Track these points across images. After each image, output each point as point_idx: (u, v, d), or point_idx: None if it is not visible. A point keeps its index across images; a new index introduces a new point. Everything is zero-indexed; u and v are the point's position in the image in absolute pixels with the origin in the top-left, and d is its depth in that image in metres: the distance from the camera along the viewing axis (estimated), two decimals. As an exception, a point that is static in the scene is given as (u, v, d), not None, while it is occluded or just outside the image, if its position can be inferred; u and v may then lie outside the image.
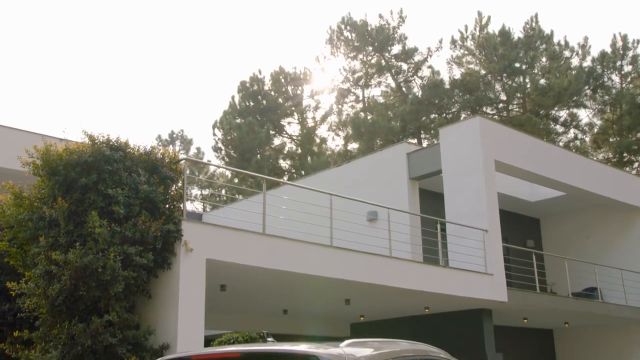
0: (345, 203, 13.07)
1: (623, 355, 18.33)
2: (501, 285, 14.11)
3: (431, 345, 5.64)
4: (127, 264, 8.78)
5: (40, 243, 8.99)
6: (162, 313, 9.26)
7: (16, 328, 9.71)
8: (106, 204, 8.98)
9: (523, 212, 20.39)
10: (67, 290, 8.58)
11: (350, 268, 11.46)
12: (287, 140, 38.92)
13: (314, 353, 4.05)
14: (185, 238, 9.30)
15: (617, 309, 17.02)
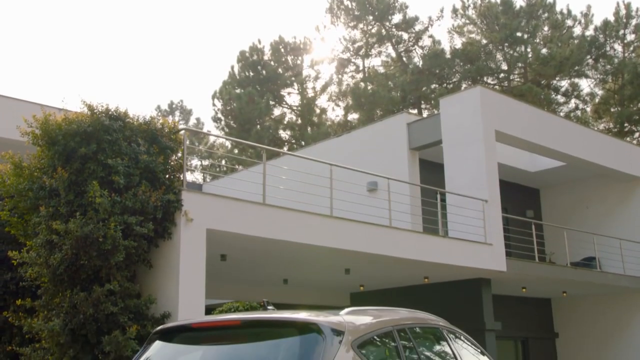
0: (345, 173, 13.07)
1: (621, 324, 18.51)
2: (500, 255, 14.19)
3: (430, 314, 5.69)
4: (127, 233, 8.81)
5: (41, 213, 9.02)
6: (162, 282, 9.32)
7: (18, 296, 9.80)
8: (106, 174, 8.99)
9: (523, 183, 20.40)
10: (69, 260, 8.63)
11: (350, 238, 11.51)
12: (287, 110, 38.80)
13: (314, 321, 4.09)
14: (185, 208, 9.33)
15: (615, 278, 17.14)
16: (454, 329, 5.77)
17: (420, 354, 4.83)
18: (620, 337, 18.46)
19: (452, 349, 5.41)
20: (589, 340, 19.02)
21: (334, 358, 3.87)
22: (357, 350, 4.07)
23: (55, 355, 8.67)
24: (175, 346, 4.46)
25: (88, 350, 8.64)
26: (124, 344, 8.26)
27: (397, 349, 4.55)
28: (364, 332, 4.28)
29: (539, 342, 19.34)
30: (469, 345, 5.89)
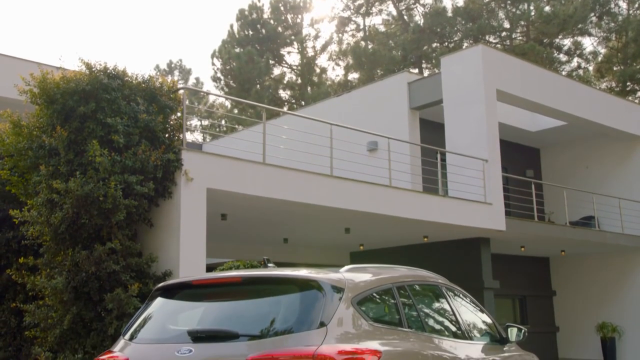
0: (345, 133, 13.03)
1: (618, 283, 18.71)
2: (500, 214, 14.25)
3: (429, 271, 5.74)
4: (128, 192, 8.83)
5: (41, 172, 9.02)
6: (163, 241, 9.38)
7: (21, 255, 9.87)
8: (105, 133, 8.96)
9: (523, 142, 20.37)
10: (70, 219, 8.67)
11: (350, 197, 11.53)
12: (287, 70, 38.48)
13: (314, 278, 4.12)
14: (185, 167, 9.33)
15: (613, 237, 17.26)
16: (453, 286, 5.82)
17: (420, 310, 4.89)
18: (617, 296, 18.68)
19: (451, 306, 5.47)
20: (586, 298, 19.25)
21: (334, 314, 3.91)
22: (356, 306, 4.11)
23: (59, 312, 8.77)
24: (176, 303, 4.51)
25: (91, 307, 8.74)
26: (126, 301, 8.36)
27: (396, 305, 4.59)
28: (364, 289, 4.32)
29: (536, 300, 19.59)
30: (468, 302, 5.95)
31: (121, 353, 4.15)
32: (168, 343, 4.06)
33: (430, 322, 5.01)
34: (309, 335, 3.75)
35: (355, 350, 3.78)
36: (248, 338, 3.85)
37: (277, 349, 3.69)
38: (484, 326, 5.91)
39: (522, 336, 6.03)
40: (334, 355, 3.65)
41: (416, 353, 4.32)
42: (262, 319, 4.00)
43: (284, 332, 3.82)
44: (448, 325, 5.26)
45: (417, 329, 4.63)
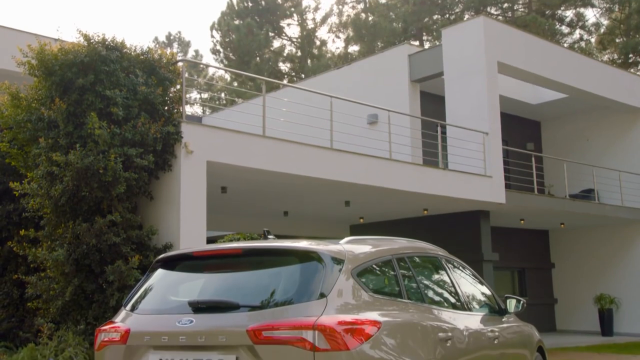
0: (345, 105, 12.98)
1: (617, 255, 18.80)
2: (500, 187, 14.26)
3: (429, 243, 5.76)
4: (128, 165, 8.82)
5: (40, 144, 9.00)
6: (164, 214, 9.40)
7: (22, 227, 9.90)
8: (105, 106, 8.92)
9: (524, 115, 20.31)
10: (70, 191, 8.67)
11: (350, 170, 11.53)
12: (287, 42, 38.19)
13: (314, 249, 4.13)
14: (185, 140, 9.31)
15: (613, 210, 17.30)
16: (452, 258, 5.85)
17: (419, 282, 4.91)
18: (615, 268, 18.79)
19: (450, 277, 5.49)
20: (585, 270, 19.36)
21: (334, 286, 3.93)
22: (356, 278, 4.13)
23: (61, 283, 8.83)
24: (177, 274, 4.53)
25: (92, 279, 8.80)
26: (127, 273, 8.41)
27: (396, 277, 4.61)
28: (364, 261, 4.34)
29: (535, 273, 19.71)
30: (467, 274, 5.98)
31: (122, 323, 4.19)
32: (169, 314, 4.09)
33: (430, 293, 5.04)
34: (309, 306, 3.77)
35: (355, 320, 3.80)
36: (248, 309, 3.87)
37: (277, 320, 3.71)
38: (483, 298, 5.95)
39: (520, 307, 6.07)
40: (334, 325, 3.67)
41: (415, 324, 4.35)
42: (263, 290, 4.02)
43: (284, 303, 3.84)
44: (447, 297, 5.29)
45: (416, 300, 4.66)
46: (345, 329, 3.71)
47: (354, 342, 3.71)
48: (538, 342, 6.48)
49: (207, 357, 3.81)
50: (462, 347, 4.81)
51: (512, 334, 5.94)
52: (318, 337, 3.62)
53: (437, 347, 4.41)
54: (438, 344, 4.44)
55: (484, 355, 5.18)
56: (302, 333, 3.63)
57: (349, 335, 3.71)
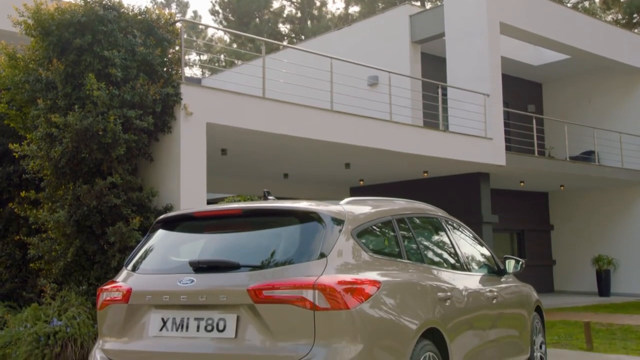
0: (345, 67, 12.88)
1: (616, 217, 18.89)
2: (500, 149, 14.24)
3: (429, 204, 5.77)
4: (127, 127, 8.79)
5: (39, 105, 8.95)
6: (164, 176, 9.40)
7: (22, 189, 9.92)
8: (103, 67, 8.84)
9: (525, 77, 20.17)
10: (70, 153, 8.66)
11: (351, 132, 11.49)
12: (287, 3, 37.69)
13: (314, 210, 4.14)
14: (184, 102, 9.26)
15: (613, 172, 17.32)
16: (452, 219, 5.86)
17: (419, 243, 4.94)
18: (614, 230, 18.89)
19: (450, 238, 5.52)
20: (584, 232, 19.48)
21: (334, 246, 3.95)
22: (356, 238, 4.15)
23: (62, 245, 8.88)
24: (177, 235, 4.55)
25: (93, 240, 8.84)
26: (128, 234, 8.44)
27: (396, 238, 4.63)
28: (364, 221, 4.35)
29: (534, 234, 19.82)
30: (467, 235, 6.01)
31: (124, 283, 4.22)
32: (170, 273, 4.12)
33: (430, 254, 5.07)
34: (309, 265, 3.80)
35: (354, 280, 3.83)
36: (249, 269, 3.90)
37: (277, 279, 3.74)
38: (482, 258, 5.99)
39: (519, 268, 6.12)
40: (334, 285, 3.70)
41: (415, 284, 4.38)
42: (263, 250, 4.04)
43: (284, 263, 3.87)
44: (447, 257, 5.33)
45: (416, 261, 4.69)
46: (345, 288, 3.74)
47: (353, 302, 3.74)
48: (536, 302, 6.55)
49: (209, 316, 3.85)
50: (461, 306, 4.86)
51: (511, 294, 6.00)
52: (318, 296, 3.65)
53: (436, 307, 4.45)
54: (437, 304, 4.49)
55: (482, 315, 5.24)
56: (303, 292, 3.66)
57: (348, 294, 3.74)
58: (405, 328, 4.04)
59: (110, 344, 4.15)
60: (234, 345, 3.75)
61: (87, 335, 8.12)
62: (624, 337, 9.81)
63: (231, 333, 3.76)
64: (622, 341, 9.37)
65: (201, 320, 3.87)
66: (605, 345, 8.95)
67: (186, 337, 3.88)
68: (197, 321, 3.88)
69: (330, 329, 3.64)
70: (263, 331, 3.70)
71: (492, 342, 5.34)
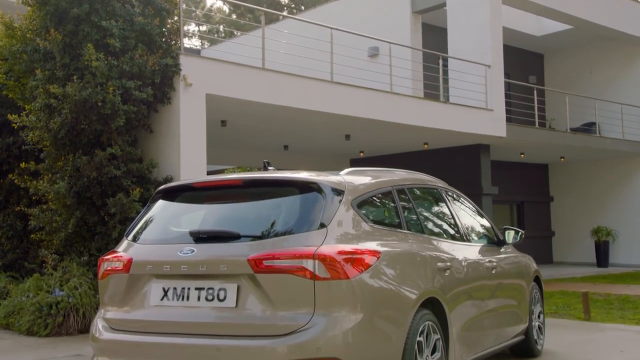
0: (346, 38, 12.76)
1: (615, 188, 18.91)
2: (501, 120, 14.19)
3: (429, 175, 5.76)
4: (126, 98, 8.75)
5: (37, 76, 8.90)
6: (164, 147, 9.39)
7: (22, 160, 9.92)
8: (101, 37, 8.77)
9: (527, 47, 20.01)
10: (69, 124, 8.64)
11: (351, 103, 11.44)
12: (286, -28, 37.24)
13: (314, 180, 4.13)
14: (183, 72, 9.20)
15: (613, 143, 17.30)
16: (452, 190, 5.86)
17: (419, 213, 4.94)
18: (614, 201, 18.93)
19: (450, 209, 5.53)
20: (583, 204, 19.52)
21: (334, 216, 3.95)
22: (356, 208, 4.15)
23: (63, 216, 8.91)
24: (177, 205, 4.55)
25: (94, 211, 8.87)
26: (128, 206, 8.46)
27: (396, 208, 4.64)
28: (364, 192, 4.35)
29: (534, 206, 19.87)
30: (467, 206, 6.02)
31: (125, 253, 4.23)
32: (170, 244, 4.13)
33: (430, 224, 5.08)
34: (309, 235, 3.80)
35: (354, 250, 3.84)
36: (249, 239, 3.90)
37: (277, 249, 3.75)
38: (481, 229, 6.01)
39: (519, 238, 6.13)
40: (334, 255, 3.71)
41: (415, 254, 4.40)
42: (263, 220, 4.04)
43: (284, 233, 3.87)
44: (446, 228, 5.34)
45: (416, 231, 4.69)
46: (345, 258, 3.75)
47: (353, 272, 3.76)
48: (535, 272, 6.59)
49: (209, 286, 3.87)
50: (461, 276, 4.88)
51: (510, 265, 6.03)
52: (318, 266, 3.66)
53: (435, 277, 4.48)
54: (437, 274, 4.51)
55: (481, 285, 5.27)
56: (303, 262, 3.67)
57: (348, 264, 3.75)
58: (404, 298, 4.06)
59: (112, 313, 4.18)
60: (235, 315, 3.77)
61: (89, 305, 8.19)
62: (621, 306, 9.89)
63: (232, 302, 3.79)
64: (619, 311, 9.45)
65: (202, 290, 3.89)
66: (603, 315, 9.02)
67: (187, 307, 3.91)
68: (198, 291, 3.90)
69: (330, 298, 3.66)
70: (263, 301, 3.72)
71: (491, 312, 5.38)
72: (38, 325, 7.99)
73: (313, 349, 3.57)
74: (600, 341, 7.26)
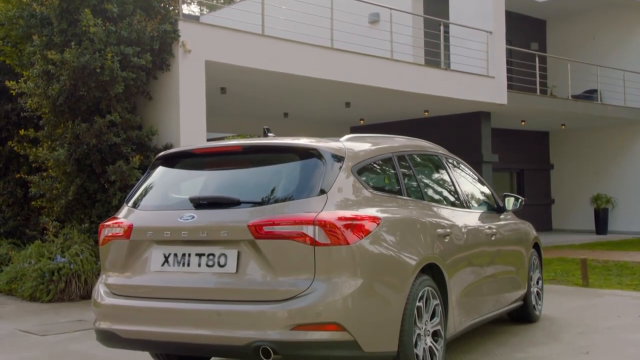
0: (346, 3, 12.61)
1: (616, 156, 18.89)
2: (502, 87, 14.11)
3: (429, 142, 5.74)
4: (125, 65, 8.69)
5: (34, 42, 8.81)
6: (163, 114, 9.35)
7: (21, 127, 9.88)
8: (98, 2, 8.66)
9: (529, 13, 19.78)
10: (67, 91, 8.59)
11: (351, 70, 11.36)
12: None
13: (314, 146, 4.12)
14: (182, 39, 9.12)
15: (615, 110, 17.22)
16: (452, 156, 5.85)
17: (419, 180, 4.93)
18: (614, 168, 18.93)
19: (450, 176, 5.52)
20: (583, 171, 19.52)
21: (334, 182, 3.94)
22: (356, 175, 4.14)
23: (63, 183, 8.91)
24: (177, 171, 4.54)
25: (94, 179, 8.87)
26: (128, 173, 8.46)
27: (396, 175, 4.63)
28: (364, 158, 4.33)
29: (534, 174, 19.88)
30: (467, 173, 6.01)
31: (125, 219, 4.24)
32: (170, 210, 4.13)
33: (429, 191, 5.07)
34: (309, 202, 3.80)
35: (354, 216, 3.84)
36: (249, 205, 3.90)
37: (277, 215, 3.75)
38: (481, 196, 6.01)
39: (519, 205, 6.14)
40: (334, 221, 3.71)
41: (414, 220, 4.40)
42: (263, 186, 4.04)
43: (284, 200, 3.87)
44: (446, 195, 5.34)
45: (416, 198, 4.69)
46: (345, 224, 3.75)
47: (353, 237, 3.76)
48: (534, 239, 6.61)
49: (210, 252, 3.89)
50: (460, 243, 4.90)
51: (509, 231, 6.05)
52: (318, 232, 3.67)
53: (435, 243, 4.49)
54: (436, 240, 4.52)
55: (481, 251, 5.29)
56: (303, 228, 3.67)
57: (348, 230, 3.76)
58: (404, 263, 4.08)
59: (113, 279, 4.20)
60: (235, 280, 3.79)
61: (91, 271, 8.25)
62: (619, 273, 9.96)
63: (232, 268, 3.80)
64: (617, 277, 9.51)
65: (202, 256, 3.91)
66: (601, 281, 9.09)
67: (188, 272, 3.93)
68: (199, 257, 3.92)
69: (330, 264, 3.68)
70: (264, 266, 3.74)
71: (490, 278, 5.41)
72: (40, 292, 8.06)
73: (313, 314, 3.59)
74: (598, 307, 7.33)
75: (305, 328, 3.60)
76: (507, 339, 5.70)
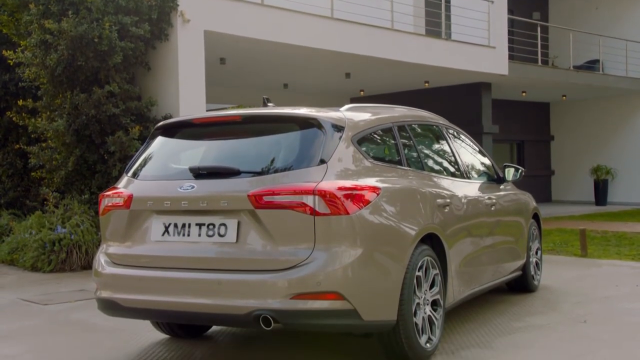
0: (346, -29, 12.46)
1: (617, 127, 18.85)
2: (503, 58, 14.01)
3: (429, 112, 5.72)
4: (123, 34, 8.61)
5: (31, 11, 8.72)
6: (162, 85, 9.30)
7: (20, 97, 9.83)
8: (96, -30, 8.56)
9: (532, -17, 19.60)
10: (65, 61, 8.52)
11: (351, 40, 11.27)
12: None
13: (314, 116, 4.10)
14: (181, 8, 9.03)
15: (616, 80, 17.12)
16: (452, 127, 5.83)
17: (419, 150, 4.92)
18: (614, 140, 18.90)
19: (451, 147, 5.50)
20: (584, 142, 19.50)
21: (334, 152, 3.93)
22: (356, 145, 4.13)
23: (63, 154, 8.90)
24: (177, 142, 4.52)
25: (94, 149, 8.85)
26: (128, 144, 8.44)
27: (396, 145, 4.61)
28: (364, 128, 4.31)
29: (534, 145, 19.85)
30: (467, 143, 5.99)
31: (125, 189, 4.23)
32: (170, 180, 4.12)
33: (430, 161, 5.06)
34: (308, 171, 3.79)
35: (354, 186, 3.84)
36: (249, 175, 3.89)
37: (277, 185, 3.75)
38: (481, 166, 6.00)
39: (518, 176, 6.14)
40: (334, 190, 3.71)
41: (414, 190, 4.40)
42: (263, 156, 4.03)
43: (284, 169, 3.86)
44: (447, 165, 5.33)
45: (416, 168, 4.68)
46: (345, 194, 3.75)
47: (353, 207, 3.76)
48: (534, 210, 6.62)
49: (210, 221, 3.89)
50: (460, 213, 4.90)
51: (509, 202, 6.05)
52: (318, 201, 3.66)
53: (435, 213, 4.49)
54: (436, 210, 4.53)
55: (480, 222, 5.30)
56: (303, 198, 3.67)
57: (348, 200, 3.75)
58: (404, 233, 4.09)
59: (114, 249, 4.22)
60: (235, 250, 3.80)
61: (91, 242, 8.28)
62: (617, 243, 10.00)
63: (232, 238, 3.81)
64: (615, 247, 9.56)
65: (202, 226, 3.91)
66: (600, 251, 9.13)
67: (188, 242, 3.93)
68: (199, 226, 3.92)
69: (330, 233, 3.68)
70: (264, 236, 3.74)
71: (489, 248, 5.43)
72: (42, 262, 8.10)
73: (313, 283, 3.61)
74: (596, 276, 7.37)
75: (306, 297, 3.62)
76: (505, 308, 5.74)
